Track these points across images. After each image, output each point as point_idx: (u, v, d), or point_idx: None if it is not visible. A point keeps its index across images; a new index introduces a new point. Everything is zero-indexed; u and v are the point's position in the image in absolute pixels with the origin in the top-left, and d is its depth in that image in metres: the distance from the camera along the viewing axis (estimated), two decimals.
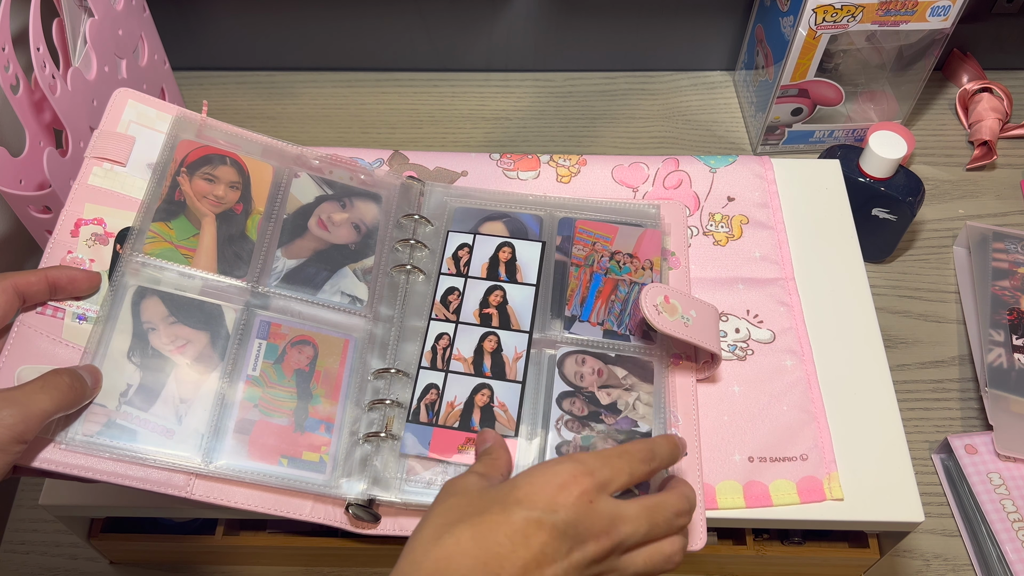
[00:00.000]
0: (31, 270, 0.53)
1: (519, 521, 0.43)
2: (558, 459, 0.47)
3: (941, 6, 0.81)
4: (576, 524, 0.44)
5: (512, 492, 0.45)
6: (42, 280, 0.53)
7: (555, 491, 0.45)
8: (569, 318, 0.63)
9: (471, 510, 0.44)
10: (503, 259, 0.66)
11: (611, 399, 0.60)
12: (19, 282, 0.52)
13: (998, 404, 0.74)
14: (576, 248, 0.67)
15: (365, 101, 1.01)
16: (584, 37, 1.00)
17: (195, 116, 0.64)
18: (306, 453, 0.56)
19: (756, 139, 0.95)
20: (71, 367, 0.51)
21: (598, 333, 0.63)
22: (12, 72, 0.65)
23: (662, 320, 0.59)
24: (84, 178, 0.59)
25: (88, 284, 0.55)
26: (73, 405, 0.50)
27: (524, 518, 0.43)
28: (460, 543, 0.43)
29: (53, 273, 0.53)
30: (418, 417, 0.59)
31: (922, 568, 0.70)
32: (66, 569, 0.70)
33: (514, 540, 0.43)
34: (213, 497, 0.54)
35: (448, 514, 0.45)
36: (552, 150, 0.78)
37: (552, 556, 0.43)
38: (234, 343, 0.58)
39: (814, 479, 0.59)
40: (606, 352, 0.62)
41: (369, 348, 0.62)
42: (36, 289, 0.53)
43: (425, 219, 0.68)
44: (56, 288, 0.54)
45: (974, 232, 0.86)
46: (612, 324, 0.63)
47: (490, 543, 0.42)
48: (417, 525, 0.45)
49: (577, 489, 0.45)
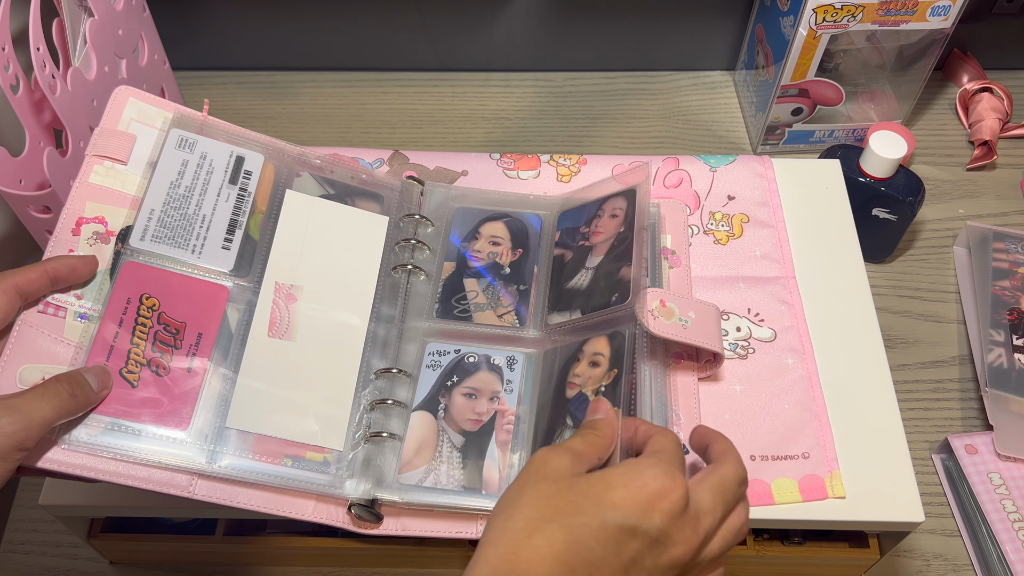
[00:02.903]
0: (30, 266, 0.53)
1: (613, 527, 0.42)
2: (648, 460, 0.45)
3: (941, 6, 0.81)
4: (669, 531, 0.43)
5: (607, 492, 0.43)
6: (42, 275, 0.53)
7: (653, 497, 0.43)
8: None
9: (563, 505, 0.43)
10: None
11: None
12: (19, 280, 0.52)
13: (998, 404, 0.74)
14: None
15: (365, 101, 1.01)
16: (584, 37, 1.00)
17: (196, 115, 0.64)
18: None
19: (756, 139, 0.95)
20: (76, 371, 0.51)
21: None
22: (12, 72, 0.65)
23: (659, 324, 0.59)
24: (85, 176, 0.59)
25: (88, 269, 0.55)
26: (75, 412, 0.50)
27: (619, 525, 0.42)
28: (552, 546, 0.41)
29: (52, 265, 0.53)
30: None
31: (922, 568, 0.70)
32: (66, 569, 0.70)
33: (606, 548, 0.42)
34: (216, 497, 0.53)
35: (539, 506, 0.43)
36: (552, 150, 0.78)
37: (642, 563, 0.42)
38: (237, 343, 0.58)
39: (816, 477, 0.59)
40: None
41: (371, 348, 0.61)
42: (37, 285, 0.52)
43: (426, 219, 0.68)
44: (57, 279, 0.53)
45: (974, 232, 0.86)
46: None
47: (582, 548, 0.41)
48: (502, 503, 0.44)
49: (676, 496, 0.43)
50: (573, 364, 0.60)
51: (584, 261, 0.65)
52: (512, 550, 0.41)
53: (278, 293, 0.61)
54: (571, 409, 0.58)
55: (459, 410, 0.60)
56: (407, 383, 0.61)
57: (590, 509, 0.42)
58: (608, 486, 0.43)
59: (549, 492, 0.43)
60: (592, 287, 0.63)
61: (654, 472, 0.44)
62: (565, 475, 0.44)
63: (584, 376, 0.59)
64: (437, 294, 0.65)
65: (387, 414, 0.59)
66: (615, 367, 0.58)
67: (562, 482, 0.44)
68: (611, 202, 0.67)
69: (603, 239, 0.65)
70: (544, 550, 0.41)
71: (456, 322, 0.64)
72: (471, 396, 0.61)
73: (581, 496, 0.43)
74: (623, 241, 0.64)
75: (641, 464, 0.45)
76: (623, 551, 0.42)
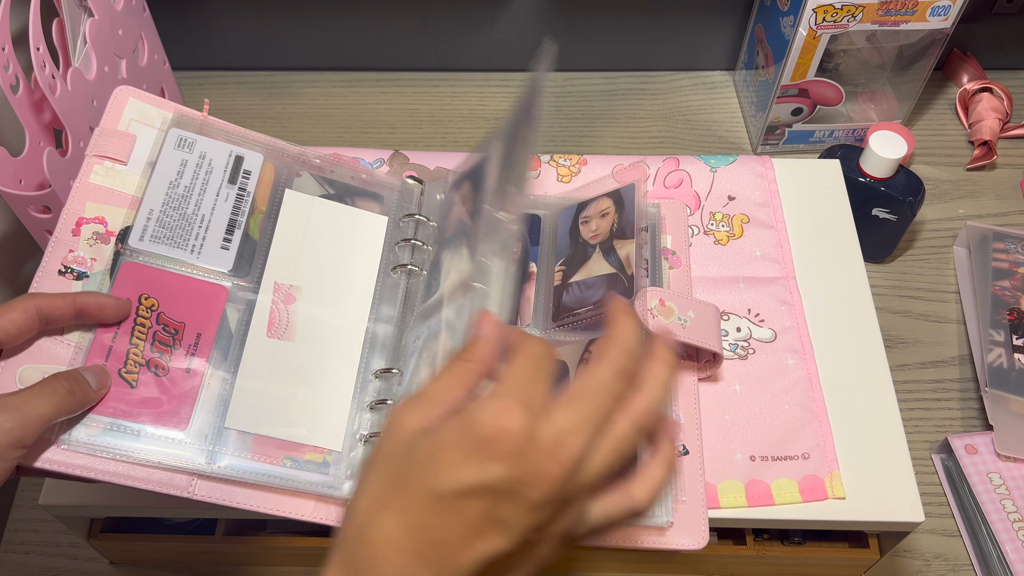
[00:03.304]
0: (59, 293, 0.52)
1: (448, 496, 0.36)
2: (484, 401, 0.38)
3: (941, 6, 0.81)
4: (516, 474, 0.36)
5: (437, 457, 0.37)
6: (69, 305, 0.52)
7: (483, 446, 0.36)
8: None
9: (396, 484, 0.37)
10: None
11: None
12: (44, 304, 0.51)
13: (998, 404, 0.74)
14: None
15: (365, 101, 1.01)
16: (584, 37, 1.00)
17: (196, 114, 0.64)
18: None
19: (756, 139, 0.95)
20: (75, 370, 0.51)
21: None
22: (12, 72, 0.65)
23: (657, 323, 0.59)
24: (85, 176, 0.59)
25: (117, 312, 0.54)
26: (74, 410, 0.50)
27: (453, 491, 0.36)
28: (389, 533, 0.37)
29: (81, 299, 0.52)
30: None
31: (922, 568, 0.70)
32: (66, 569, 0.70)
33: (447, 520, 0.36)
34: (216, 497, 0.53)
35: (375, 485, 0.38)
36: (552, 150, 0.78)
37: (497, 518, 0.36)
38: (236, 343, 0.58)
39: (816, 478, 0.59)
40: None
41: (371, 348, 0.61)
42: (61, 313, 0.51)
43: (426, 219, 0.68)
44: (83, 313, 0.52)
45: (974, 232, 0.86)
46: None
47: (421, 529, 0.36)
48: (354, 485, 0.39)
49: (510, 435, 0.36)
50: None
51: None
52: (350, 549, 0.37)
53: (277, 293, 0.61)
54: None
55: None
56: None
57: (420, 482, 0.37)
58: (438, 447, 0.37)
59: (388, 466, 0.38)
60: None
61: (484, 414, 0.37)
62: (409, 436, 0.39)
63: None
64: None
65: (387, 414, 0.59)
66: None
67: (404, 450, 0.38)
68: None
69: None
70: (381, 543, 0.37)
71: None
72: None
73: (415, 467, 0.37)
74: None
75: (473, 407, 0.38)
76: (467, 515, 0.36)
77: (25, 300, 0.50)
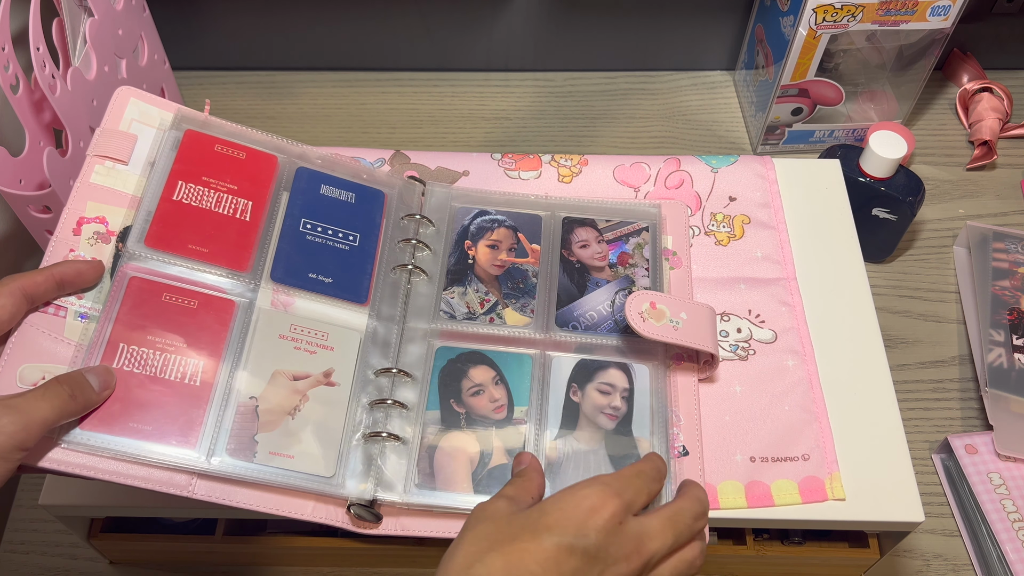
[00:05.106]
0: (36, 270, 0.53)
1: (550, 548, 0.44)
2: (584, 483, 0.47)
3: (941, 6, 0.81)
4: (607, 547, 0.45)
5: (541, 518, 0.45)
6: (49, 279, 0.52)
7: (585, 515, 0.45)
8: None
9: (501, 537, 0.45)
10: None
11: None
12: (26, 284, 0.51)
13: (998, 404, 0.74)
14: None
15: (365, 101, 1.01)
16: (584, 37, 1.00)
17: (197, 114, 0.64)
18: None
19: (756, 139, 0.95)
20: (77, 371, 0.51)
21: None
22: (12, 72, 0.65)
23: (648, 327, 0.59)
24: (86, 176, 0.59)
25: (95, 273, 0.55)
26: (76, 413, 0.50)
27: (555, 544, 0.44)
28: (491, 573, 0.43)
29: (59, 269, 0.53)
30: None
31: (922, 568, 0.70)
32: (66, 569, 0.70)
33: (545, 567, 0.43)
34: (215, 497, 0.53)
35: (478, 542, 0.45)
36: (552, 150, 0.78)
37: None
38: (235, 342, 0.58)
39: (816, 479, 0.59)
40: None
41: (370, 347, 0.61)
42: (43, 289, 0.52)
43: (427, 219, 0.68)
44: (64, 284, 0.53)
45: (974, 232, 0.86)
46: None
47: (521, 571, 0.43)
48: (447, 552, 0.46)
49: (607, 512, 0.45)
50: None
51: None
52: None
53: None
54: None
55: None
56: (408, 384, 0.61)
57: (526, 535, 0.44)
58: (543, 512, 0.46)
59: (487, 530, 0.46)
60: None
61: (587, 491, 0.46)
62: (503, 514, 0.47)
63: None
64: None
65: (387, 414, 0.59)
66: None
67: (500, 519, 0.46)
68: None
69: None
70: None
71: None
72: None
73: (519, 527, 0.45)
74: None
75: (575, 487, 0.47)
76: (563, 569, 0.43)
77: (7, 284, 0.51)
